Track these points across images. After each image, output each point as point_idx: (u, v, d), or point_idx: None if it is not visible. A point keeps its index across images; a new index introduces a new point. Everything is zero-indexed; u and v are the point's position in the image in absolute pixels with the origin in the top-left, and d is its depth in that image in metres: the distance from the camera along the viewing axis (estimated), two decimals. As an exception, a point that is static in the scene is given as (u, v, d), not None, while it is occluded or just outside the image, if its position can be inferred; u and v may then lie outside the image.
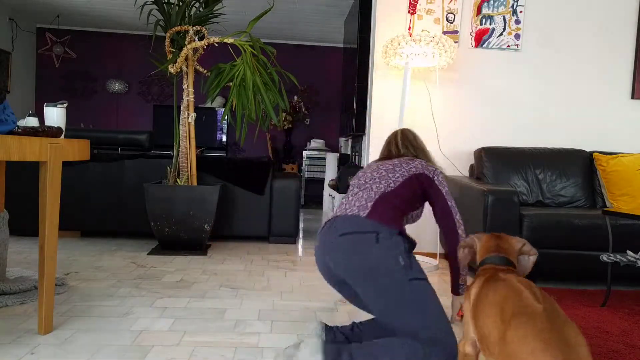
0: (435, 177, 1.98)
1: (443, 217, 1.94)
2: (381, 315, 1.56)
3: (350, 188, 2.00)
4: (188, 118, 3.28)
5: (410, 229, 3.57)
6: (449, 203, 1.95)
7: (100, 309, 2.07)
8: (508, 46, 3.60)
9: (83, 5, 6.13)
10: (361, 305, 1.83)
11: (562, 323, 1.08)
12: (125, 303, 2.17)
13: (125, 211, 3.61)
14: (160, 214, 3.14)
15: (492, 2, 3.57)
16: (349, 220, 1.70)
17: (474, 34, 3.59)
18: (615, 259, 2.13)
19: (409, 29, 3.54)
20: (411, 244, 1.73)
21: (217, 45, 3.17)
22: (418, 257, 3.34)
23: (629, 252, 2.13)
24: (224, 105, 6.79)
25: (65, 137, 1.90)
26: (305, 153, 6.98)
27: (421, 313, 1.50)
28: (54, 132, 1.77)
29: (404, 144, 2.21)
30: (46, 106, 1.97)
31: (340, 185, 4.89)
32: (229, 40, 3.13)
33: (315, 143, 7.02)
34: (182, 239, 3.20)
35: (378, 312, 1.57)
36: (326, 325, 1.64)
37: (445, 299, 2.47)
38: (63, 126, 1.98)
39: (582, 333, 1.95)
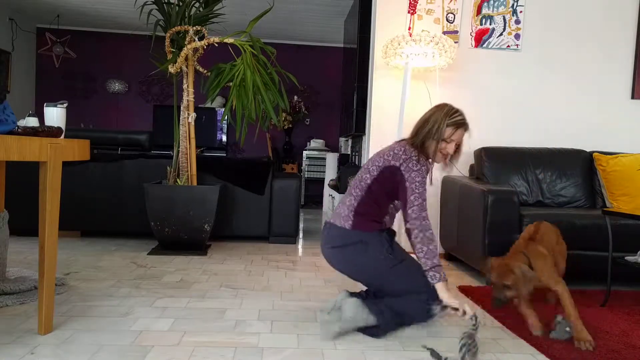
0: (402, 166, 1.87)
1: (412, 218, 1.87)
2: (380, 288, 1.97)
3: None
4: (188, 118, 3.28)
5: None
6: (409, 197, 1.86)
7: (100, 309, 2.07)
8: (508, 46, 3.60)
9: (83, 5, 6.13)
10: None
11: None
12: (125, 303, 2.17)
13: (125, 211, 3.61)
14: (160, 214, 3.14)
15: (492, 2, 3.57)
16: (338, 232, 1.97)
17: (474, 34, 3.59)
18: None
19: (409, 29, 3.54)
20: (391, 235, 2.01)
21: (217, 45, 3.17)
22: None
23: None
24: (224, 105, 6.78)
25: (65, 137, 1.90)
26: (305, 153, 6.97)
27: (408, 283, 1.90)
28: (54, 132, 1.77)
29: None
30: (46, 106, 1.97)
31: (341, 185, 4.89)
32: (229, 40, 3.13)
33: (315, 143, 7.02)
34: (182, 239, 3.20)
35: (376, 288, 2.00)
36: (349, 291, 1.98)
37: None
38: (63, 126, 1.98)
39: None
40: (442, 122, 1.96)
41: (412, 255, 1.97)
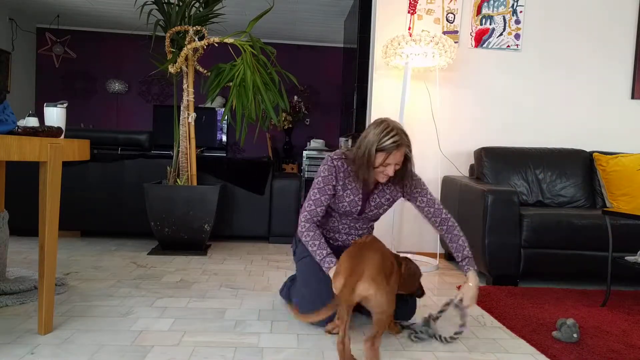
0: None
1: None
2: None
3: None
4: (188, 118, 3.28)
5: (411, 229, 3.57)
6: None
7: (100, 309, 2.07)
8: (508, 46, 3.60)
9: (83, 5, 6.13)
10: None
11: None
12: (125, 303, 2.17)
13: (125, 211, 3.61)
14: (160, 214, 3.14)
15: (492, 2, 3.57)
16: None
17: (474, 34, 3.59)
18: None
19: (409, 29, 3.54)
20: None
21: (217, 45, 3.17)
22: (418, 258, 3.34)
23: None
24: (224, 105, 6.78)
25: (65, 137, 1.90)
26: (305, 153, 6.96)
27: (299, 279, 2.13)
28: (54, 132, 1.77)
29: None
30: (46, 106, 1.97)
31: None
32: (229, 40, 3.13)
33: (315, 143, 7.01)
34: (182, 239, 3.20)
35: None
36: None
37: (445, 297, 2.47)
38: (63, 126, 1.98)
39: (581, 333, 1.94)
40: (372, 148, 1.83)
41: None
